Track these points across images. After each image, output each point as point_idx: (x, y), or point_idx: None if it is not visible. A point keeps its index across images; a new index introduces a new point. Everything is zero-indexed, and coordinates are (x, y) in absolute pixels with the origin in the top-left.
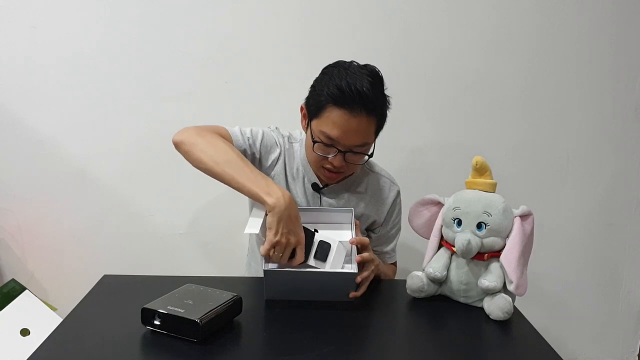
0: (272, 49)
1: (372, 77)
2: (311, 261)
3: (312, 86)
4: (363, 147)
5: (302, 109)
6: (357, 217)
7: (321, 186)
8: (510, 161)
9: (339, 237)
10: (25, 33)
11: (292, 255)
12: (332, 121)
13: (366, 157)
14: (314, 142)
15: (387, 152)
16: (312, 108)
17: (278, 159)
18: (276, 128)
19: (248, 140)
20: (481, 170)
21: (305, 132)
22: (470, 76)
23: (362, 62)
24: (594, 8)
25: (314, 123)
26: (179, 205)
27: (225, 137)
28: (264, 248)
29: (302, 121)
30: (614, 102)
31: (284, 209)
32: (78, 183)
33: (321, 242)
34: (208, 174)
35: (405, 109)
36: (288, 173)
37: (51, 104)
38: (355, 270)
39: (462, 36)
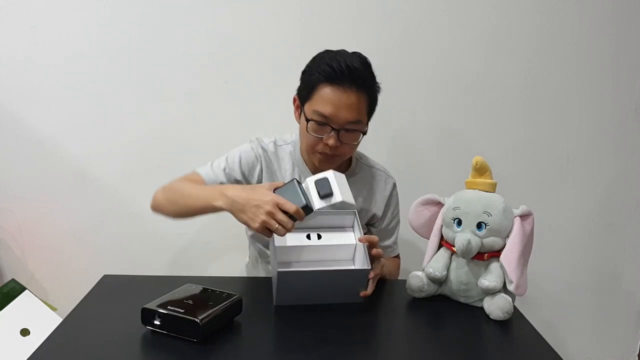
0: (272, 49)
1: (361, 58)
2: (319, 203)
3: (303, 72)
4: (356, 125)
5: (294, 100)
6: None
7: None
8: (510, 161)
9: (343, 240)
10: (25, 33)
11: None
12: (324, 99)
13: (361, 136)
14: (308, 121)
15: (386, 151)
16: (304, 92)
17: (262, 171)
18: (256, 139)
19: (224, 170)
20: (481, 170)
21: (299, 122)
22: (470, 76)
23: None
24: (594, 8)
25: (306, 106)
26: None
27: (195, 180)
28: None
29: (295, 113)
30: (614, 102)
31: (232, 199)
32: (78, 183)
33: (317, 181)
34: (179, 217)
35: (405, 108)
36: (279, 178)
37: (51, 104)
38: (367, 267)
39: (462, 36)
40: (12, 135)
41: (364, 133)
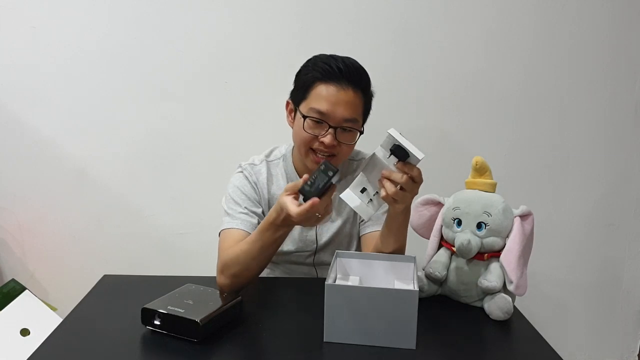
0: (272, 49)
1: (356, 62)
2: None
3: (297, 75)
4: (353, 123)
5: (287, 104)
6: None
7: None
8: (510, 161)
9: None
10: (25, 33)
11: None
12: (321, 96)
13: (357, 136)
14: (305, 118)
15: None
16: (299, 93)
17: (260, 197)
18: (248, 164)
19: (246, 212)
20: (481, 170)
21: (292, 126)
22: (470, 76)
23: (362, 63)
24: (593, 8)
25: (302, 105)
26: (179, 205)
27: (235, 239)
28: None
29: (287, 117)
30: (614, 102)
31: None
32: (78, 183)
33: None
34: (263, 265)
35: (405, 109)
36: (274, 194)
37: (51, 104)
38: (415, 288)
39: (462, 36)
40: (13, 135)
41: (361, 132)
